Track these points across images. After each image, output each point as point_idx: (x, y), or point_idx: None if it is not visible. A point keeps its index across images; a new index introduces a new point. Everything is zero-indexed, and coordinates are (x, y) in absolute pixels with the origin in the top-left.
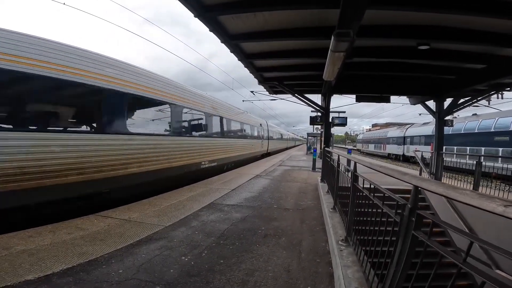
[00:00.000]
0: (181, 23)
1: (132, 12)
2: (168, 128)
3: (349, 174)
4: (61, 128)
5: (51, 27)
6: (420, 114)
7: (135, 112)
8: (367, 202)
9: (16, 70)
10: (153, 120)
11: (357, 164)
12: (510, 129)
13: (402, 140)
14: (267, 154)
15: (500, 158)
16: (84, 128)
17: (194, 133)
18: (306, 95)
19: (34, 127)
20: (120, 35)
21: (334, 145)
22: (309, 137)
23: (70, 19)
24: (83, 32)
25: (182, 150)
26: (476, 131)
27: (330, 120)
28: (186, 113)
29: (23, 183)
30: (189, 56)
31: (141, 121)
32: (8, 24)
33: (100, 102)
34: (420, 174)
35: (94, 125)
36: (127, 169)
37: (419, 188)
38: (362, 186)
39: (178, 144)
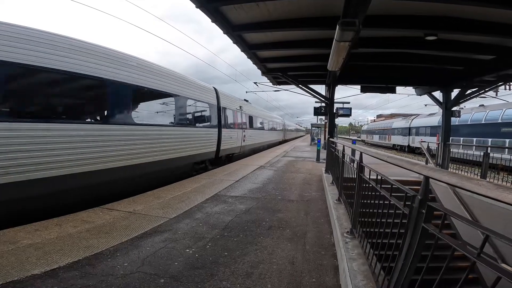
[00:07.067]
0: (194, 20)
1: (146, 11)
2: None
3: (355, 165)
4: None
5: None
6: (426, 105)
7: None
8: (373, 193)
9: None
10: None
11: (363, 155)
12: None
13: (408, 131)
14: (284, 141)
15: (507, 149)
16: None
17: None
18: (310, 86)
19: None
20: (133, 32)
21: (338, 135)
22: (313, 128)
23: (78, 16)
24: (102, 30)
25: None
26: (483, 122)
27: (334, 111)
28: (261, 119)
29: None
30: (199, 51)
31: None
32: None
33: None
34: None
35: None
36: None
37: (430, 179)
38: (368, 177)
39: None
